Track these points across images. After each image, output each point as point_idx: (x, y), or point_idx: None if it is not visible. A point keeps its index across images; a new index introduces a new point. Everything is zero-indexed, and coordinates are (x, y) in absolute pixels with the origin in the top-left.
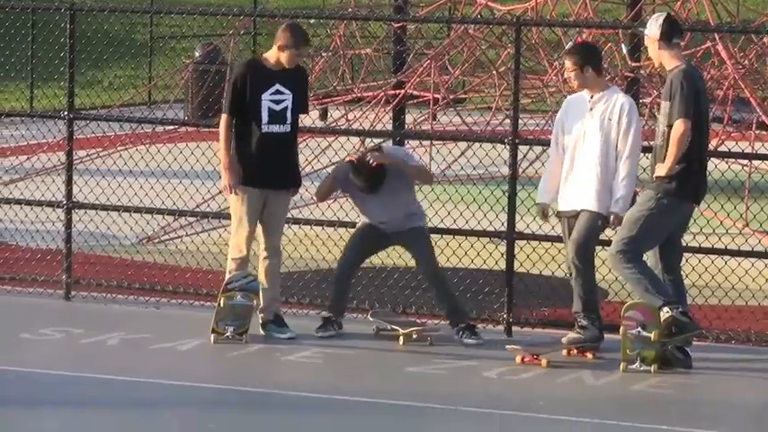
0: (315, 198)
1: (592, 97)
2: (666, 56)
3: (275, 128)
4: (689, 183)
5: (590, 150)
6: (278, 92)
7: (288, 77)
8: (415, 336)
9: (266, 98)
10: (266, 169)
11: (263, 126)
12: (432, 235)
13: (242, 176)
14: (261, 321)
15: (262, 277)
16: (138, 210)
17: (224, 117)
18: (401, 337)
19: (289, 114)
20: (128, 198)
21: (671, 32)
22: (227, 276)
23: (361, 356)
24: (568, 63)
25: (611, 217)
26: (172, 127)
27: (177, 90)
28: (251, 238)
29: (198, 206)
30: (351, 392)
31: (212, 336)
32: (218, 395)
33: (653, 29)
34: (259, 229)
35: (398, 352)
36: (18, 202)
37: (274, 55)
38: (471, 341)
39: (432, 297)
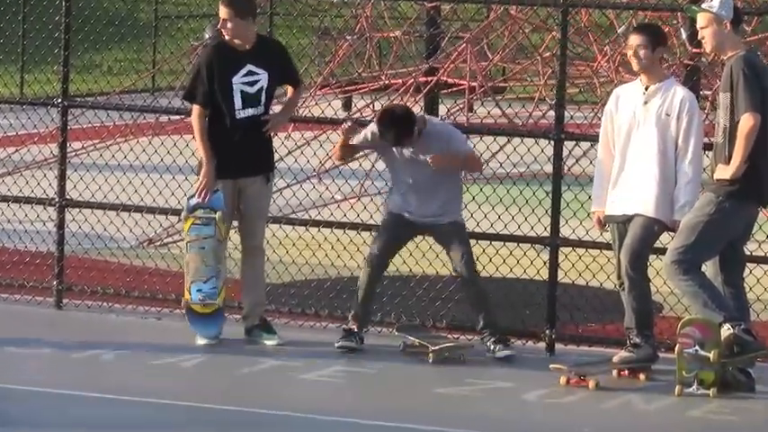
0: (333, 155)
1: (647, 88)
2: (730, 41)
3: (250, 111)
4: (753, 183)
5: (645, 149)
6: (250, 72)
7: (259, 55)
8: (446, 353)
9: (238, 81)
10: (239, 157)
11: (236, 112)
12: None
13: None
14: (245, 327)
15: (243, 279)
16: (138, 209)
17: (195, 108)
18: (431, 355)
19: (263, 96)
20: (127, 196)
21: (739, 15)
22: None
23: (386, 376)
24: (638, 39)
25: (675, 225)
26: (177, 117)
27: (184, 76)
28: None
29: None
30: (374, 416)
31: (182, 301)
32: (225, 417)
33: (725, 8)
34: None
35: (428, 371)
36: (5, 199)
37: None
38: (503, 352)
39: (467, 308)
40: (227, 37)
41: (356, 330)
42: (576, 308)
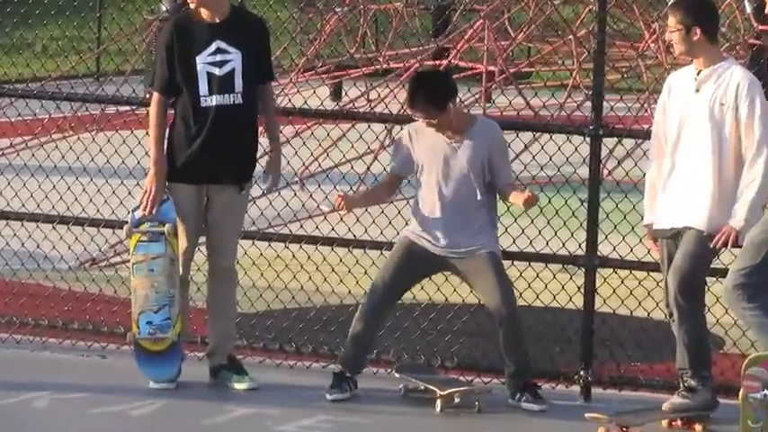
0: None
1: (699, 73)
2: None
3: (220, 99)
4: None
5: (697, 146)
6: (219, 50)
7: (232, 29)
8: (457, 399)
9: (203, 61)
10: (205, 157)
11: (201, 99)
12: None
13: (170, 171)
14: (210, 367)
15: (208, 308)
16: (79, 221)
17: (155, 96)
18: (438, 401)
19: (238, 80)
20: (65, 205)
21: None
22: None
23: (384, 427)
24: (672, 21)
25: (725, 231)
26: (127, 107)
27: (135, 57)
28: (190, 253)
29: None
30: None
31: (128, 335)
32: None
33: None
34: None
35: (435, 422)
36: None
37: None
38: (533, 406)
39: (483, 344)
40: (192, 5)
41: (349, 375)
42: (618, 343)
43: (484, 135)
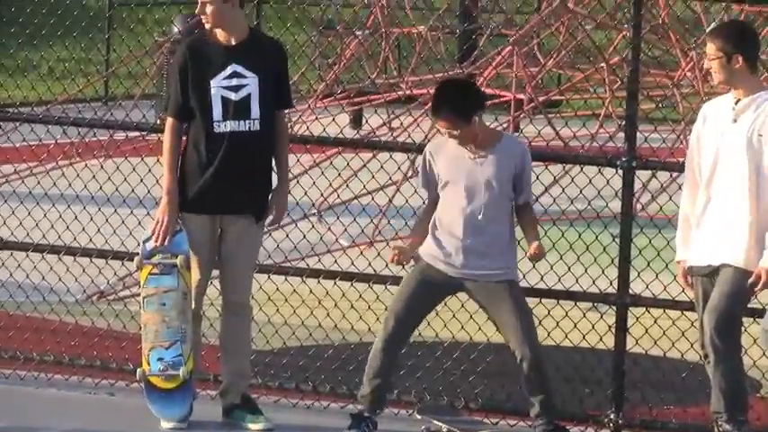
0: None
1: (737, 103)
2: None
3: (234, 125)
4: None
5: (733, 179)
6: (235, 74)
7: (248, 53)
8: None
9: (218, 85)
10: (218, 186)
11: (215, 124)
12: None
13: (182, 201)
14: (223, 407)
15: (222, 345)
16: (86, 252)
17: (168, 122)
18: None
19: (255, 105)
20: (72, 236)
21: None
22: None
23: None
24: (711, 48)
25: (761, 273)
26: (137, 133)
27: (146, 81)
28: (202, 286)
29: None
30: None
31: (138, 371)
32: None
33: None
34: None
35: None
36: None
37: None
38: None
39: (509, 384)
40: (207, 26)
41: (367, 415)
42: (650, 385)
43: (510, 151)
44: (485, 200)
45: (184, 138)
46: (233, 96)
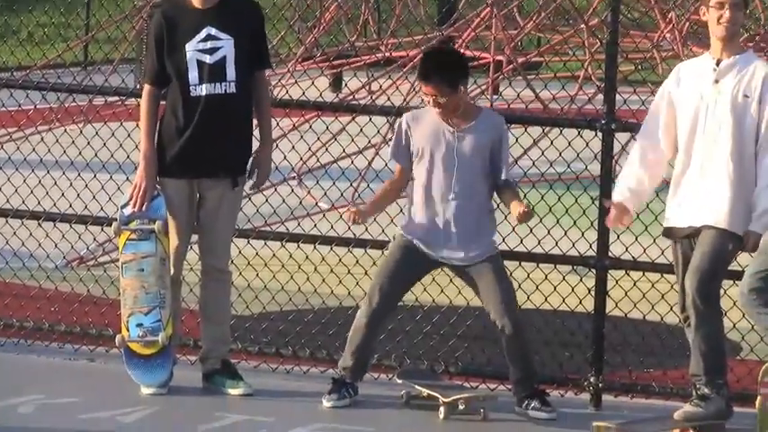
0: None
1: (718, 64)
2: None
3: (210, 88)
4: None
5: (717, 141)
6: (209, 37)
7: (224, 15)
8: (461, 406)
9: (193, 48)
10: (196, 151)
11: (191, 88)
12: None
13: (160, 166)
14: (203, 372)
15: (201, 310)
16: (65, 218)
17: (146, 88)
18: (442, 408)
19: (230, 68)
20: (51, 201)
21: None
22: None
23: None
24: None
25: (747, 237)
26: (116, 98)
27: (125, 45)
28: (181, 252)
29: None
30: None
31: (117, 338)
32: None
33: None
34: None
35: (438, 429)
36: None
37: None
38: (541, 414)
39: (489, 348)
40: None
41: (349, 381)
42: (630, 348)
43: (489, 126)
44: (465, 174)
45: (163, 103)
46: (208, 59)
